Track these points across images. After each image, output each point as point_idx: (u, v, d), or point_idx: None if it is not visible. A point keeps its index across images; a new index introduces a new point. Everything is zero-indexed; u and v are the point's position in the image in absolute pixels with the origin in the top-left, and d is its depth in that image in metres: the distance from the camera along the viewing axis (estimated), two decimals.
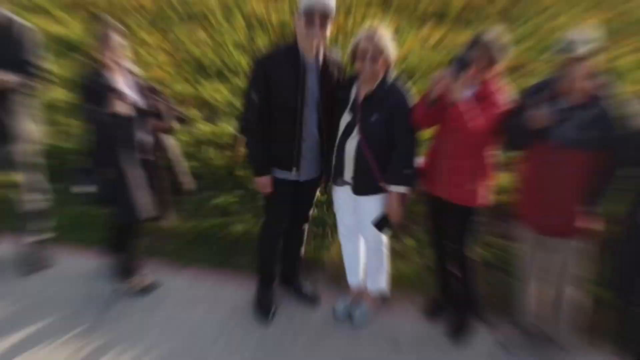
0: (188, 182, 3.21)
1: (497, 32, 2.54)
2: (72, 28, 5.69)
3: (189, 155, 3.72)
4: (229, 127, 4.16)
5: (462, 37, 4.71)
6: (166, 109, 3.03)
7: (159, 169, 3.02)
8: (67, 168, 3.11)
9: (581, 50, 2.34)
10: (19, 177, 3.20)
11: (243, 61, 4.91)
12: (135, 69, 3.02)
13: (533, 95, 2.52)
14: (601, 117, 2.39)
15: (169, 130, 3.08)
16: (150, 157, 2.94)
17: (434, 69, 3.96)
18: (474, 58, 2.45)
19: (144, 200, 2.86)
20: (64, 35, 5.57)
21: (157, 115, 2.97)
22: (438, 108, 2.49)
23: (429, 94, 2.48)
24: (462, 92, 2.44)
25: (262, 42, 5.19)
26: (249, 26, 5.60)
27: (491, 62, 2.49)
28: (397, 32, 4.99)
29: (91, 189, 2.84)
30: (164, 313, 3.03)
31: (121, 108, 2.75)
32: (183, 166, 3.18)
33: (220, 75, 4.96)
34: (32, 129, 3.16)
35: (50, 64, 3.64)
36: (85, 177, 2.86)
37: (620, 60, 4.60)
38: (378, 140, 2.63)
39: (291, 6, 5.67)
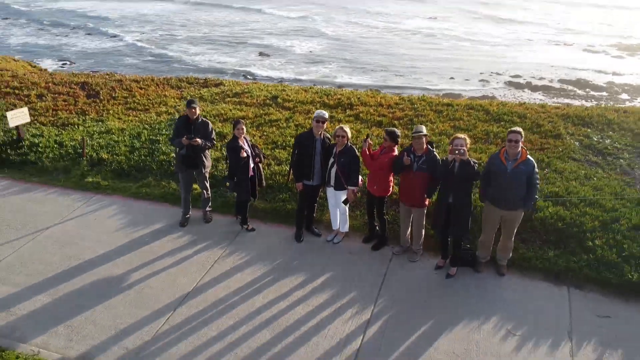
0: (264, 184, 7.66)
1: (397, 129, 6.84)
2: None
3: (269, 177, 8.27)
4: (286, 167, 8.63)
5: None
6: (260, 154, 7.49)
7: (256, 178, 7.46)
8: (220, 177, 7.68)
9: (424, 131, 6.55)
10: (198, 184, 7.74)
11: (292, 140, 9.53)
12: (248, 137, 7.51)
13: (405, 151, 6.72)
14: (431, 159, 6.53)
15: (261, 162, 7.53)
16: (253, 173, 7.39)
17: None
18: (385, 138, 6.72)
19: (249, 191, 7.29)
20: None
21: (257, 156, 7.41)
22: (363, 153, 6.78)
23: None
24: (365, 147, 6.70)
25: (300, 132, 9.95)
26: (295, 126, 10.87)
27: (394, 139, 6.72)
28: (359, 130, 10.40)
29: (231, 185, 7.30)
30: (261, 240, 7.40)
31: (242, 154, 7.18)
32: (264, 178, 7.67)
33: (283, 146, 9.85)
34: (208, 162, 7.66)
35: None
36: (228, 180, 7.34)
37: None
38: (344, 170, 6.89)
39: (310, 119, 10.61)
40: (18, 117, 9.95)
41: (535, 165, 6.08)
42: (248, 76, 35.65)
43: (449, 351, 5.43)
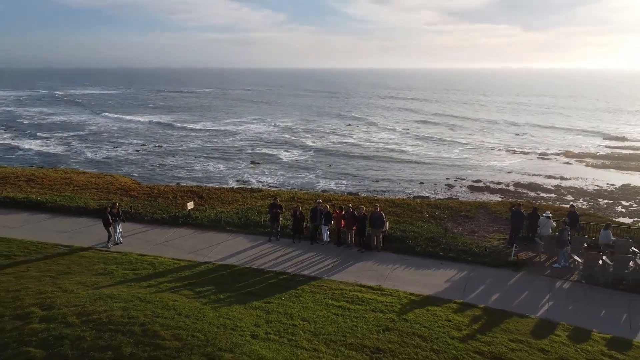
0: (304, 226, 21.61)
1: (343, 206, 21.03)
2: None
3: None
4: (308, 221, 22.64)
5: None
6: (282, 209, 21.45)
7: (302, 225, 21.30)
8: (284, 225, 21.68)
9: (351, 206, 20.59)
10: (275, 226, 21.54)
11: (306, 213, 23.68)
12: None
13: (344, 211, 20.68)
14: (352, 213, 20.51)
15: (304, 219, 21.48)
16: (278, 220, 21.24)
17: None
18: (340, 208, 20.84)
19: (296, 228, 21.13)
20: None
21: (281, 210, 21.31)
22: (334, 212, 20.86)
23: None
24: (335, 211, 20.75)
25: (309, 209, 24.04)
26: (305, 209, 24.77)
27: (341, 209, 20.77)
28: (332, 206, 24.04)
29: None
30: (300, 244, 21.04)
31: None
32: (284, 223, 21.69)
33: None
34: (280, 219, 21.44)
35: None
36: (292, 226, 21.19)
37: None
38: (326, 218, 20.86)
39: (314, 202, 24.67)
40: (191, 205, 23.80)
41: (384, 214, 20.06)
42: (244, 182, 44.08)
43: (359, 267, 18.92)
